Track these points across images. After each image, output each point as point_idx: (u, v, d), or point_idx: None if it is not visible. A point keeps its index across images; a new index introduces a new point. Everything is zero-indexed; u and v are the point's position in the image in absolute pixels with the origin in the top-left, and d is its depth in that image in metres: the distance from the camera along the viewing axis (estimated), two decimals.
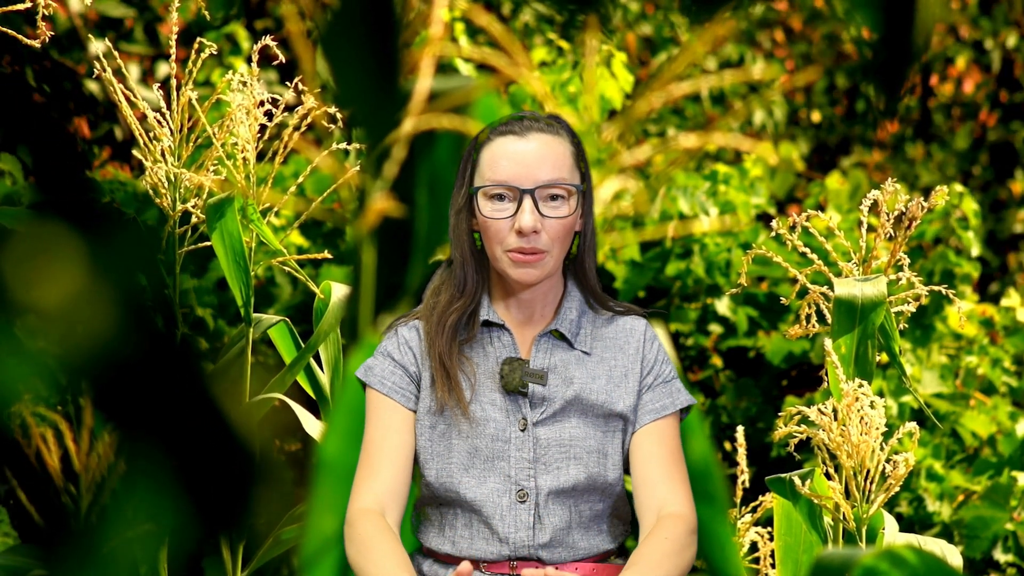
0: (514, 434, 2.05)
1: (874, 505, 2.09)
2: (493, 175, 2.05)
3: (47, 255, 0.77)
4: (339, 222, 3.97)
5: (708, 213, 4.14)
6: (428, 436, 2.07)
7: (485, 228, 2.07)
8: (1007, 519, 3.80)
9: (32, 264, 0.77)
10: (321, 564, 2.31)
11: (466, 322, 2.10)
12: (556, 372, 2.09)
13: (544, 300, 2.12)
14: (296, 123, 2.40)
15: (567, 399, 2.07)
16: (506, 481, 2.04)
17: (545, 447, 2.05)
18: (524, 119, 2.09)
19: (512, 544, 2.02)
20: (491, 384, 2.08)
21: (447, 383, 2.05)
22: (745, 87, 6.14)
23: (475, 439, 2.04)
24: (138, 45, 4.61)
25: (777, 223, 2.28)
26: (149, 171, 2.39)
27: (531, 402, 2.07)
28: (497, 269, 2.09)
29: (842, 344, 2.18)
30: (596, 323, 2.14)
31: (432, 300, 2.12)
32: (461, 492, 2.04)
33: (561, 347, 2.11)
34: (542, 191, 2.04)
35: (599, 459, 2.06)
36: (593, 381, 2.09)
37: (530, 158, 2.05)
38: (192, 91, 2.38)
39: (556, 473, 2.04)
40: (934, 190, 2.28)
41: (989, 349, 4.24)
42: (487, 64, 3.61)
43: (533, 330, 2.12)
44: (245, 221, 2.39)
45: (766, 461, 4.07)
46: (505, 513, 2.03)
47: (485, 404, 2.07)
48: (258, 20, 5.08)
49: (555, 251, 2.06)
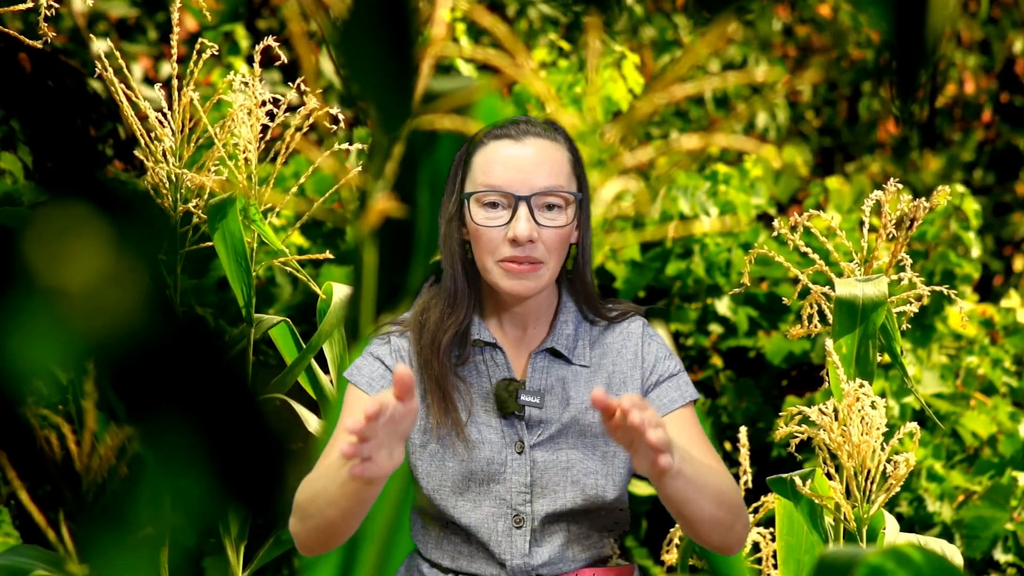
0: (510, 457, 1.98)
1: (875, 505, 2.09)
2: (487, 179, 1.95)
3: (70, 237, 0.77)
4: (339, 222, 3.97)
5: (708, 213, 4.14)
6: (419, 455, 2.00)
7: (476, 237, 1.96)
8: (1007, 519, 3.81)
9: (55, 246, 0.77)
10: (323, 564, 2.31)
11: (459, 341, 2.00)
12: (553, 393, 2.01)
13: (538, 314, 2.03)
14: (298, 123, 2.40)
15: (564, 422, 1.99)
16: (501, 505, 1.97)
17: (542, 470, 1.97)
18: (520, 123, 1.99)
19: (510, 568, 1.97)
20: (486, 406, 2.00)
21: (443, 405, 1.97)
22: (748, 89, 6.14)
23: (470, 463, 1.97)
24: (140, 44, 4.62)
25: (779, 223, 2.28)
26: (151, 171, 2.39)
27: (527, 424, 1.99)
28: (488, 281, 1.99)
29: (843, 344, 2.18)
30: (592, 333, 2.05)
31: (421, 318, 2.01)
32: (456, 516, 1.98)
33: (558, 364, 2.03)
34: (538, 199, 1.94)
35: (598, 481, 1.98)
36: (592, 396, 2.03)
37: (526, 163, 1.95)
38: (194, 91, 2.38)
39: (553, 497, 1.97)
40: (936, 190, 2.29)
41: (990, 349, 4.25)
42: (489, 64, 3.61)
43: (527, 347, 2.03)
44: (247, 221, 2.39)
45: (767, 461, 4.07)
46: (501, 539, 1.97)
47: (481, 426, 1.99)
48: (258, 20, 5.09)
49: (551, 263, 1.96)
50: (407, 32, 0.86)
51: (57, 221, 0.78)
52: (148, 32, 4.87)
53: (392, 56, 0.84)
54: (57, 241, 0.77)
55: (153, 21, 4.75)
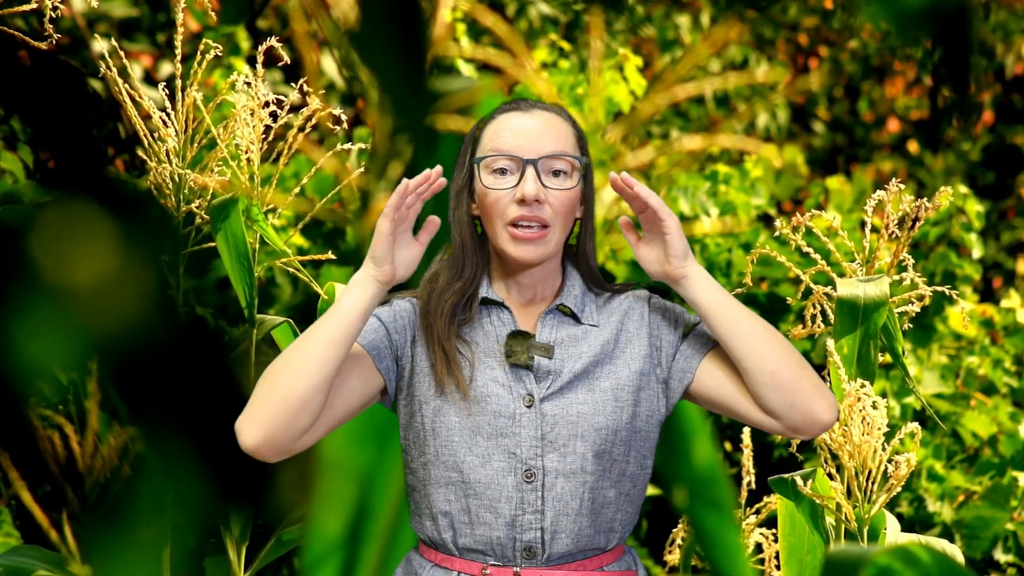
0: (519, 411, 1.99)
1: (876, 505, 2.10)
2: (495, 145, 2.03)
3: (76, 236, 0.77)
4: (339, 222, 3.97)
5: (708, 213, 4.14)
6: (427, 415, 2.01)
7: (485, 200, 2.03)
8: (1007, 519, 3.81)
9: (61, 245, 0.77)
10: (325, 565, 2.31)
11: (465, 304, 2.06)
12: (563, 346, 2.04)
13: (544, 283, 2.08)
14: (301, 124, 2.40)
15: (575, 372, 2.02)
16: (511, 459, 1.98)
17: (552, 424, 1.99)
18: (527, 100, 2.10)
19: (518, 526, 1.97)
20: (491, 361, 2.03)
21: (446, 363, 2.00)
22: (748, 89, 6.13)
23: (477, 416, 1.99)
24: (139, 44, 4.62)
25: (781, 223, 2.28)
26: (154, 171, 2.39)
27: (536, 376, 2.02)
28: (496, 248, 2.05)
29: (844, 344, 2.18)
30: (598, 300, 2.10)
31: (429, 286, 2.07)
32: (464, 471, 1.98)
33: (568, 323, 2.06)
34: (545, 163, 2.02)
35: (607, 436, 1.99)
36: (600, 352, 2.04)
37: (533, 131, 2.03)
38: (197, 91, 2.38)
39: (563, 451, 1.98)
40: (938, 191, 2.28)
41: (990, 350, 4.25)
42: (489, 64, 3.60)
43: (535, 309, 2.08)
44: (249, 222, 2.39)
45: (768, 462, 4.07)
46: (511, 494, 1.97)
47: (487, 381, 2.01)
48: (259, 19, 5.08)
49: (557, 227, 2.02)
50: (420, 30, 0.86)
51: (63, 220, 0.78)
52: (146, 30, 4.87)
53: (407, 54, 0.85)
54: (63, 240, 0.77)
55: (154, 21, 4.75)
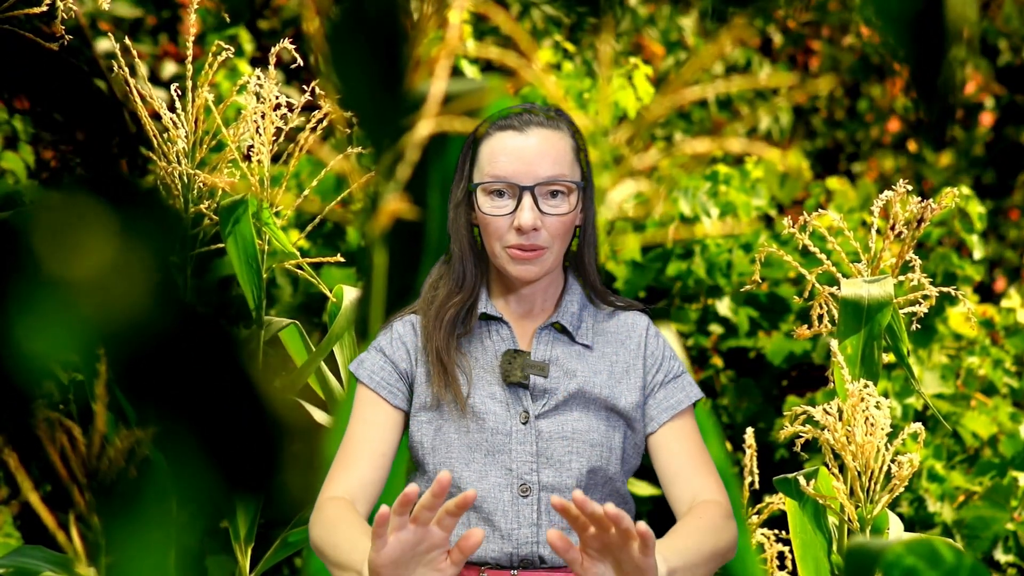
0: (515, 427, 2.01)
1: (878, 505, 2.10)
2: (492, 170, 2.02)
3: (81, 228, 0.77)
4: (340, 222, 3.98)
5: (709, 214, 4.15)
6: (425, 432, 2.03)
7: (484, 225, 2.04)
8: (1007, 519, 3.82)
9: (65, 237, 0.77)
10: None
11: (464, 316, 2.07)
12: (557, 364, 2.05)
13: (544, 295, 2.09)
14: (312, 125, 2.41)
15: (570, 391, 2.03)
16: (508, 475, 1.99)
17: (548, 440, 2.01)
18: (524, 113, 2.05)
19: (515, 541, 1.98)
20: (490, 377, 2.04)
21: (444, 378, 2.01)
22: (751, 92, 6.14)
23: (474, 433, 2.00)
24: (144, 45, 4.62)
25: (786, 223, 2.28)
26: (164, 171, 2.39)
27: (532, 394, 2.03)
28: (496, 265, 2.06)
29: (848, 345, 2.19)
30: (597, 317, 2.11)
31: (430, 294, 2.08)
32: (462, 487, 1.99)
33: (562, 340, 2.08)
34: (542, 188, 2.01)
35: (602, 452, 2.02)
36: (595, 375, 2.05)
37: (529, 154, 2.01)
38: (208, 92, 2.39)
39: (559, 467, 2.00)
40: (942, 191, 2.29)
41: (990, 350, 4.26)
42: (495, 65, 3.61)
43: (533, 323, 2.09)
44: (258, 224, 2.39)
45: (769, 462, 4.08)
46: (507, 508, 1.99)
47: (484, 397, 2.02)
48: (261, 20, 5.09)
49: (555, 247, 2.03)
50: (398, 45, 0.86)
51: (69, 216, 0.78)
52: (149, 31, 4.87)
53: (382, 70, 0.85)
54: (71, 237, 0.78)
55: (159, 20, 4.75)
